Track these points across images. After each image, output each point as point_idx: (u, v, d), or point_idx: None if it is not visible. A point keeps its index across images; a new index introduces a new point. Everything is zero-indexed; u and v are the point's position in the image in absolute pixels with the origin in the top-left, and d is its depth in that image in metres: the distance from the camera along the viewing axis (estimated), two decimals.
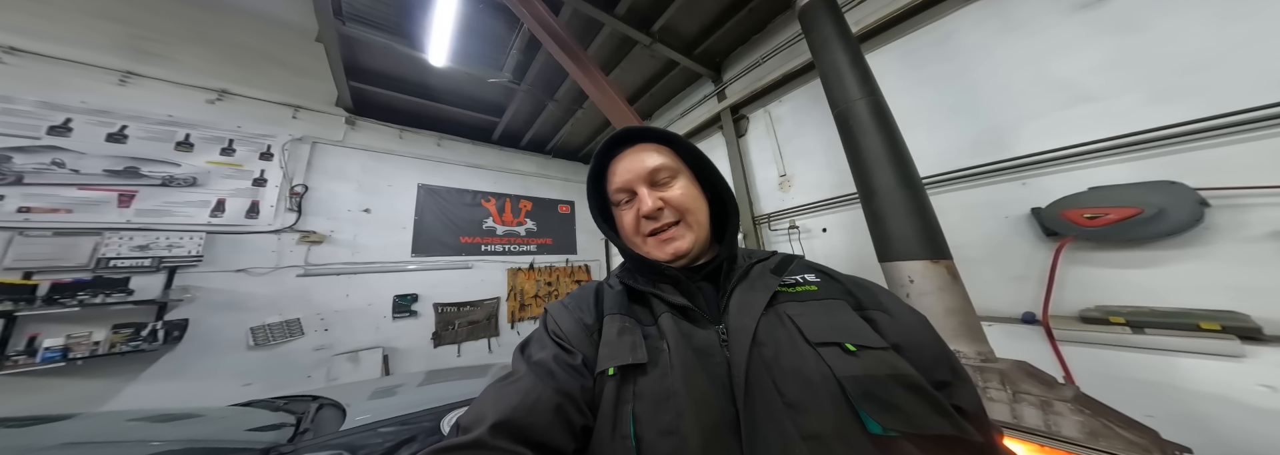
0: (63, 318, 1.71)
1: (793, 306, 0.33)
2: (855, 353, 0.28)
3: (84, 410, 1.68)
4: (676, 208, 0.36)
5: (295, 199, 2.55)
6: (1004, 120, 1.37)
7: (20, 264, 1.69)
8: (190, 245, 2.08)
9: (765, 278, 0.36)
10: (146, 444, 0.78)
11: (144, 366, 1.92)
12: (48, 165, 1.82)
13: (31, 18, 1.77)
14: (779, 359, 0.29)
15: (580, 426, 0.28)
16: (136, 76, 2.12)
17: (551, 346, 0.33)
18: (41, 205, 1.79)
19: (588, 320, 0.36)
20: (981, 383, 0.78)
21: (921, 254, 0.97)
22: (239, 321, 2.22)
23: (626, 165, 0.37)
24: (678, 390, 0.27)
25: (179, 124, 2.21)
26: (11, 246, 1.70)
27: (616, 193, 0.38)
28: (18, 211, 1.74)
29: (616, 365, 0.30)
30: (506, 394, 0.28)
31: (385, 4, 2.02)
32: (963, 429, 0.26)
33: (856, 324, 0.32)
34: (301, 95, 2.68)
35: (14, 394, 1.61)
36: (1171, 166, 1.02)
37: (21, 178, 1.76)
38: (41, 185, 1.80)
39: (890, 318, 0.33)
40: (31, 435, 0.78)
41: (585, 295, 0.39)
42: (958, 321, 0.91)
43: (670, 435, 0.25)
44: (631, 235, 0.38)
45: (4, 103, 1.78)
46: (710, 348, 0.31)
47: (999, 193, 1.36)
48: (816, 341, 0.29)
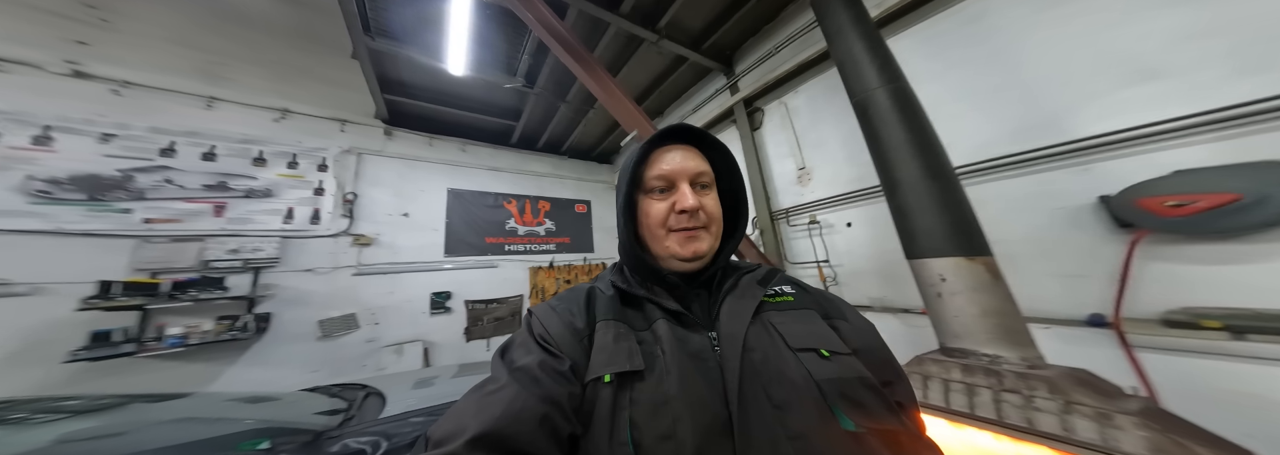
0: (180, 310, 2.09)
1: (775, 315, 0.36)
2: (829, 358, 0.32)
3: (196, 389, 2.04)
4: (708, 214, 0.37)
5: (347, 205, 2.89)
6: (1055, 102, 1.24)
7: (147, 266, 2.08)
8: (269, 248, 2.44)
9: (753, 288, 0.38)
10: (240, 422, 0.91)
11: (240, 353, 2.28)
12: (161, 182, 2.22)
13: (127, 50, 2.12)
14: (766, 363, 0.31)
15: (567, 435, 0.28)
16: (218, 101, 2.50)
17: (537, 351, 0.33)
18: (159, 216, 2.18)
19: (578, 324, 0.35)
20: (1025, 390, 0.71)
21: (954, 250, 0.90)
22: (308, 316, 2.56)
23: (677, 158, 0.38)
24: (674, 395, 0.29)
25: (253, 141, 2.58)
26: (140, 251, 2.09)
27: (655, 179, 0.38)
28: (143, 222, 2.14)
29: (614, 372, 0.30)
30: (488, 404, 0.28)
31: (406, 17, 2.22)
32: (905, 423, 0.30)
33: (827, 332, 0.35)
34: (345, 109, 3.01)
35: (148, 373, 1.99)
36: (1274, 146, 0.87)
37: (143, 193, 2.16)
38: (158, 200, 2.19)
39: (850, 325, 0.37)
40: (162, 410, 0.97)
41: (575, 298, 0.39)
42: (996, 323, 0.82)
43: (668, 439, 0.27)
44: (656, 227, 0.38)
45: (123, 130, 2.18)
46: (704, 352, 0.32)
47: (1052, 181, 1.23)
48: (797, 347, 0.32)
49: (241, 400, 1.14)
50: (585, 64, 1.90)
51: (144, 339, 1.97)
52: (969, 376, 0.81)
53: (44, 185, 1.93)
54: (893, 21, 1.73)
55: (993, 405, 0.74)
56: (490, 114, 3.54)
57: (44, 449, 0.67)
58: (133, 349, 1.90)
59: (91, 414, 0.89)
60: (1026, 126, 1.31)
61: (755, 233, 2.49)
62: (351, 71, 2.50)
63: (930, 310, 0.96)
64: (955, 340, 0.89)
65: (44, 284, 1.86)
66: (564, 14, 2.15)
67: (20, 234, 1.86)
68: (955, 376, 0.82)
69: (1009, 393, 0.73)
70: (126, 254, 2.08)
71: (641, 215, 0.39)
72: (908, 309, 1.61)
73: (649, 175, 0.38)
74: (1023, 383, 0.73)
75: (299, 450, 0.76)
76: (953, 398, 0.80)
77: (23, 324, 1.80)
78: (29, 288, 1.83)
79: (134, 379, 1.94)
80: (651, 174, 0.38)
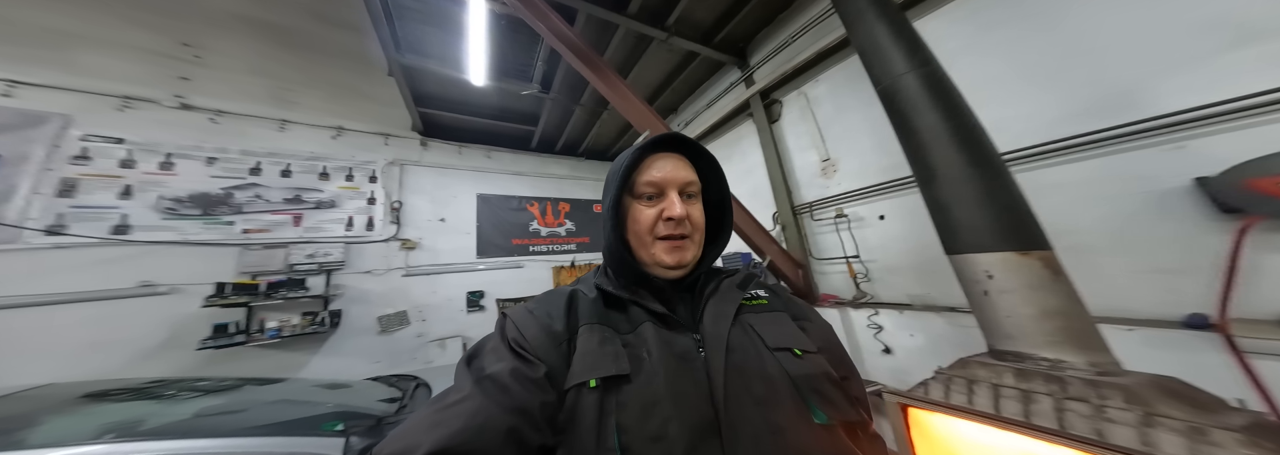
0: (274, 307, 2.50)
1: (752, 317, 0.38)
2: (801, 356, 0.34)
3: (289, 375, 2.44)
4: (693, 224, 0.39)
5: (394, 213, 3.25)
6: (1133, 73, 1.11)
7: (248, 269, 2.51)
8: (336, 253, 2.82)
9: (732, 292, 0.40)
10: (322, 405, 1.07)
11: (320, 344, 2.68)
12: (253, 197, 2.65)
13: (217, 83, 2.54)
14: (747, 363, 0.33)
15: (537, 446, 0.28)
16: (289, 123, 2.92)
17: (509, 358, 0.32)
18: (253, 227, 2.61)
19: (557, 328, 0.35)
20: (1095, 399, 0.62)
21: (1002, 244, 0.82)
22: (369, 313, 2.93)
23: (669, 166, 0.39)
24: (664, 396, 0.29)
25: (318, 158, 2.99)
26: (242, 257, 2.52)
27: (646, 185, 0.39)
28: (242, 232, 2.57)
29: (600, 376, 0.30)
30: (446, 418, 0.27)
31: (429, 32, 2.43)
32: (862, 415, 0.34)
33: (797, 332, 0.38)
34: (387, 123, 3.37)
35: (255, 359, 2.42)
36: None
37: (241, 208, 2.59)
38: (251, 212, 2.62)
39: (813, 326, 0.41)
40: (266, 392, 1.18)
41: (555, 302, 0.39)
42: (1057, 325, 0.74)
43: (659, 441, 0.27)
44: (644, 232, 0.39)
45: (222, 153, 2.63)
46: (689, 353, 0.34)
47: (1133, 162, 1.11)
48: (774, 347, 0.35)
49: (322, 386, 1.36)
50: (596, 69, 1.96)
51: (250, 331, 2.39)
52: (1024, 382, 0.72)
53: (171, 203, 2.39)
54: (922, 1, 1.66)
55: (1054, 414, 0.64)
56: (510, 120, 3.78)
57: (187, 420, 0.86)
58: (243, 339, 2.32)
59: (217, 393, 1.11)
60: (1096, 103, 1.17)
61: (776, 228, 2.47)
62: (389, 87, 2.81)
63: (976, 310, 0.88)
64: (1007, 342, 0.81)
65: (178, 284, 2.31)
66: (573, 19, 2.23)
67: (159, 245, 2.32)
68: (1007, 382, 0.74)
69: (1074, 401, 0.64)
70: (233, 259, 2.51)
71: (629, 220, 0.40)
72: (953, 307, 1.53)
73: (640, 180, 0.39)
74: (1092, 390, 0.64)
75: (365, 433, 0.85)
76: (1004, 404, 0.70)
77: (167, 317, 2.25)
78: (169, 288, 2.28)
79: (245, 364, 2.37)
80: (643, 179, 0.39)
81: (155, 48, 2.21)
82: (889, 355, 1.78)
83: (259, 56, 2.39)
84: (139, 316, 2.18)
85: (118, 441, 0.67)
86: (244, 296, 2.36)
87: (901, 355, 1.74)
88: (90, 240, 2.14)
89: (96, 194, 2.21)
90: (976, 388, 0.77)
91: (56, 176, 2.14)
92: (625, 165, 0.39)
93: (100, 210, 2.20)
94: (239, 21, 2.11)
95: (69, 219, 2.12)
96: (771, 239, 2.21)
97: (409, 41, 2.51)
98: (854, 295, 1.96)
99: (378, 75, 2.67)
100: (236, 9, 2.03)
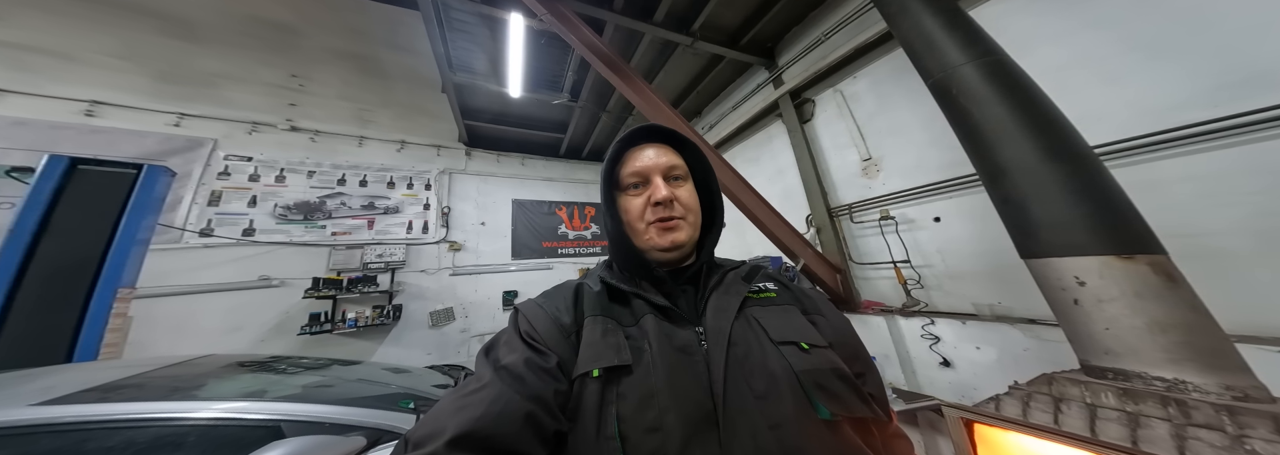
0: (352, 301, 3.20)
1: (757, 310, 0.40)
2: (808, 350, 0.36)
3: (363, 359, 3.06)
4: (683, 205, 0.42)
5: (444, 218, 3.93)
6: (1270, 47, 1.01)
7: (335, 267, 3.25)
8: (399, 253, 3.50)
9: (737, 284, 0.43)
10: (389, 386, 1.28)
11: (385, 335, 3.33)
12: (339, 205, 3.44)
13: (316, 107, 3.39)
14: (749, 356, 0.36)
15: (552, 432, 0.31)
16: (366, 139, 3.75)
17: (522, 349, 0.36)
18: (339, 230, 3.39)
19: (565, 320, 0.39)
20: (1231, 428, 0.58)
21: (1097, 247, 0.77)
22: (424, 308, 3.56)
23: (650, 154, 0.43)
24: (661, 388, 0.32)
25: (386, 169, 3.77)
26: (332, 256, 3.27)
27: (630, 176, 0.42)
28: (331, 235, 3.34)
29: (601, 367, 0.34)
30: (469, 404, 0.31)
31: (475, 51, 3.00)
32: (876, 412, 0.35)
33: (806, 326, 0.40)
34: (440, 136, 4.11)
35: (338, 346, 3.10)
36: None
37: (331, 214, 3.38)
38: (338, 218, 3.40)
39: (826, 320, 0.42)
40: (349, 372, 1.43)
41: (563, 295, 0.43)
42: (1176, 341, 0.69)
43: (655, 432, 0.30)
44: (635, 221, 0.42)
45: (318, 167, 3.46)
46: (690, 346, 0.36)
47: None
48: (779, 340, 0.37)
49: (390, 370, 1.67)
50: (624, 77, 2.17)
51: (335, 321, 3.08)
52: (1131, 404, 0.67)
53: (283, 210, 3.20)
54: None
55: (1172, 441, 0.60)
56: (541, 129, 4.40)
57: (298, 394, 1.11)
58: (330, 328, 3.00)
59: (315, 370, 1.44)
60: (1233, 82, 1.06)
61: (810, 231, 2.54)
62: (442, 103, 3.49)
63: (1063, 321, 0.84)
64: (1108, 358, 0.75)
65: (287, 279, 3.07)
66: (602, 30, 2.53)
67: (274, 245, 3.11)
68: (1108, 402, 0.69)
69: (1202, 428, 0.60)
70: (324, 258, 3.26)
71: (622, 213, 0.44)
72: (1033, 319, 1.43)
73: (624, 173, 0.43)
74: (1228, 418, 0.59)
75: None
76: (1103, 428, 0.66)
77: (280, 306, 3.00)
78: (280, 281, 3.05)
79: (332, 349, 3.05)
80: (626, 171, 0.43)
81: (274, 81, 3.04)
82: (949, 368, 1.71)
83: (344, 83, 3.17)
84: (259, 304, 2.94)
85: (253, 402, 0.89)
86: (331, 291, 3.07)
87: (965, 369, 1.67)
88: (228, 241, 2.96)
89: (233, 203, 3.05)
90: (1066, 406, 0.72)
91: (207, 189, 2.99)
92: (608, 161, 0.44)
93: (236, 216, 3.03)
94: (332, 54, 2.85)
95: (215, 223, 2.94)
96: (805, 242, 2.23)
97: (458, 60, 3.11)
98: (904, 303, 1.92)
99: (433, 93, 3.35)
100: (332, 44, 2.76)
